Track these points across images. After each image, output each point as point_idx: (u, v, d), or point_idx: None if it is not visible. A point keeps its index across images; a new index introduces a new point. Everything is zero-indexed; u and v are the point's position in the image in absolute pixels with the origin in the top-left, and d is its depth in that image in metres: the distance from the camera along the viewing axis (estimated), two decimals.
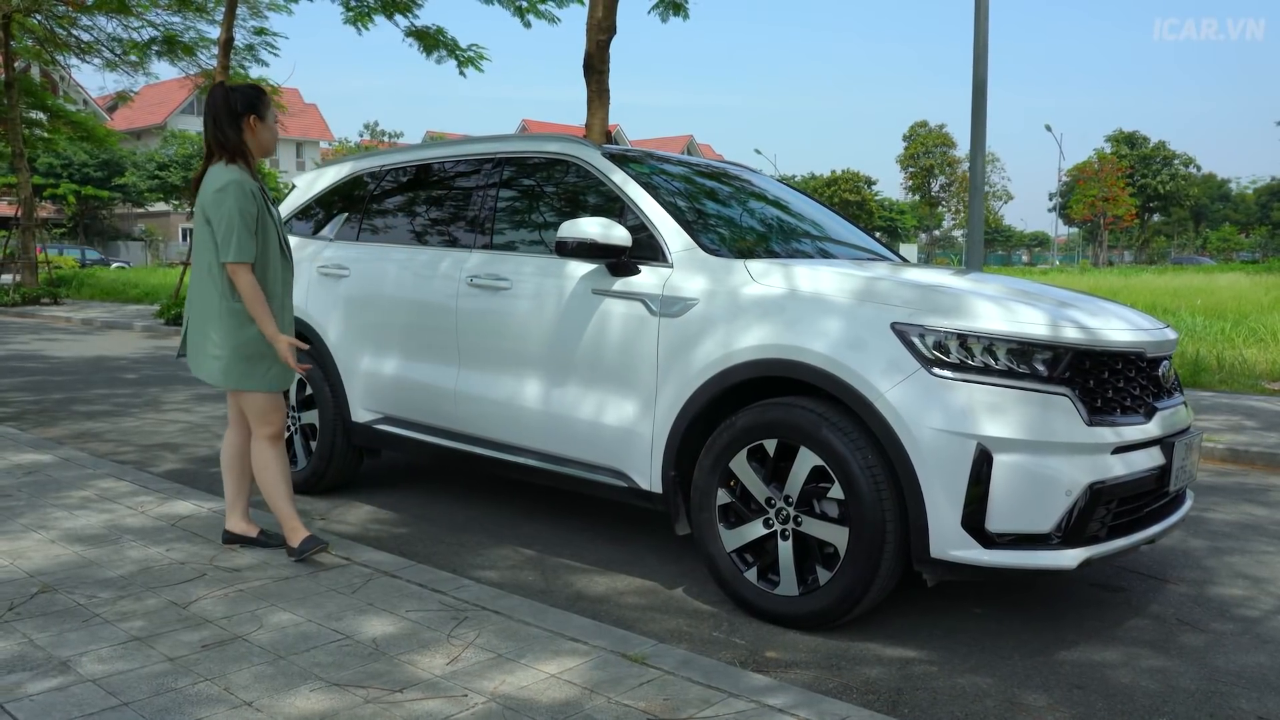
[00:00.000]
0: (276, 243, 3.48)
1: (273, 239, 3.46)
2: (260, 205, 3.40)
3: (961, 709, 2.66)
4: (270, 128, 3.49)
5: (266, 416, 3.51)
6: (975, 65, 8.24)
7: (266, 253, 3.43)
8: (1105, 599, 3.58)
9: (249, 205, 3.34)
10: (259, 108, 3.44)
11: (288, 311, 3.56)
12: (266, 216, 3.43)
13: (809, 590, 3.10)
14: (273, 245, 3.46)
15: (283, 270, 3.52)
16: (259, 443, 3.53)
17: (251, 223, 3.35)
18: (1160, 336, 3.34)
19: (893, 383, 2.94)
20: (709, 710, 2.38)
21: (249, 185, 3.37)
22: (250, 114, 3.42)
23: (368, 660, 2.64)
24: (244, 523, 3.68)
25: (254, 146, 3.46)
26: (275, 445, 3.54)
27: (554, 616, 3.00)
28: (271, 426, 3.53)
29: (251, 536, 3.66)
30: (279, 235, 3.50)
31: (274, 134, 3.52)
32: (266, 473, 3.52)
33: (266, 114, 3.47)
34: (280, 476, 3.54)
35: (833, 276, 3.27)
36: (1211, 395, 8.62)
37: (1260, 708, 2.70)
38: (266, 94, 3.50)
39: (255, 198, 3.38)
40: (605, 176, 3.87)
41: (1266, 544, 4.36)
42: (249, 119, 3.42)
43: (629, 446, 3.55)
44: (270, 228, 3.45)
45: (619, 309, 3.60)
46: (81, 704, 2.33)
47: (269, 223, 3.44)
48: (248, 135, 3.43)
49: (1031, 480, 2.85)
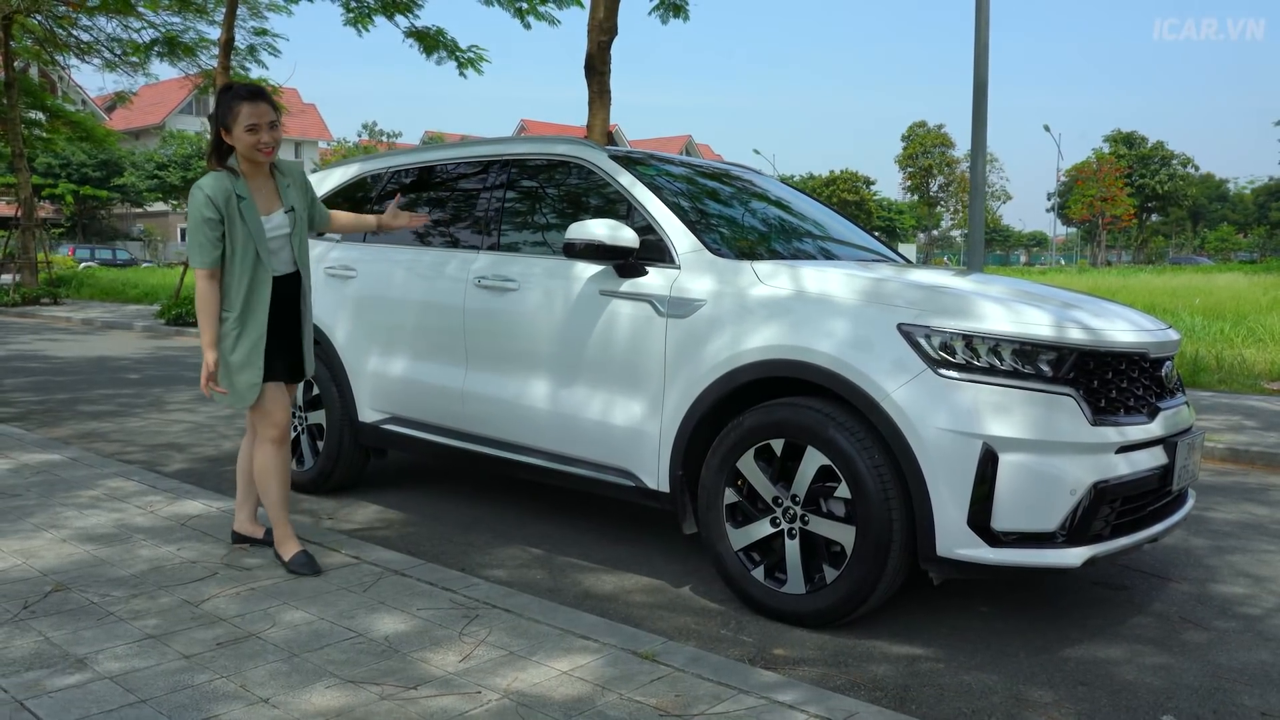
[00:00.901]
0: (250, 252, 3.33)
1: (240, 248, 3.32)
2: (227, 211, 3.28)
3: (968, 705, 2.69)
4: (239, 137, 3.29)
5: (268, 417, 3.47)
6: (976, 67, 8.27)
7: (234, 258, 3.33)
8: (1109, 597, 3.61)
9: (207, 211, 3.25)
10: (224, 118, 3.29)
11: (256, 314, 3.38)
12: (237, 221, 3.30)
13: (816, 589, 3.14)
14: (241, 251, 3.32)
15: (254, 277, 3.35)
16: (261, 444, 3.51)
17: (211, 229, 3.26)
18: (1163, 337, 3.37)
19: (899, 383, 2.97)
20: (720, 706, 2.41)
21: (214, 190, 3.26)
22: (221, 126, 3.31)
23: (381, 658, 2.67)
24: (250, 524, 3.70)
25: (238, 152, 3.34)
26: (278, 449, 3.50)
27: (564, 614, 3.03)
28: (275, 429, 3.48)
29: (258, 538, 3.67)
30: (258, 244, 3.34)
31: (247, 143, 3.29)
32: (264, 476, 3.50)
33: (233, 125, 3.28)
34: (278, 482, 3.50)
35: (839, 278, 3.30)
36: (1211, 395, 8.66)
37: (1263, 704, 2.73)
38: (237, 104, 3.28)
39: (215, 203, 3.25)
40: (612, 178, 3.91)
41: (1268, 543, 4.39)
42: (221, 130, 3.32)
43: (637, 446, 3.58)
44: (240, 235, 3.31)
45: (627, 310, 3.63)
46: (100, 701, 2.36)
47: (237, 230, 3.31)
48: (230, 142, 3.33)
49: (1036, 479, 2.88)
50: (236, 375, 3.39)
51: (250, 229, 3.34)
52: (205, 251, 3.29)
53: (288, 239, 3.47)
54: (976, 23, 8.29)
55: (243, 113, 3.27)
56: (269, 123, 3.30)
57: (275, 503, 3.50)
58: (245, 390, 3.41)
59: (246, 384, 3.40)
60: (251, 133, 3.28)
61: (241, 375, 3.39)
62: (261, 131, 3.29)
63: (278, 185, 3.48)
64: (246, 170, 3.37)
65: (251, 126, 3.28)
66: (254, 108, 3.28)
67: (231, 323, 3.37)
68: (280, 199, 3.47)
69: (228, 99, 3.31)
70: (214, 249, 3.30)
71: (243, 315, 3.37)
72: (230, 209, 3.31)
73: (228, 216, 3.30)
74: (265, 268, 3.39)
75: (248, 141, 3.30)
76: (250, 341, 3.38)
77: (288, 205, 3.48)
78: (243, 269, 3.35)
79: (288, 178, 3.52)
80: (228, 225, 3.31)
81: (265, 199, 3.43)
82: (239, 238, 3.32)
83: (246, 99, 3.29)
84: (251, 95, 3.31)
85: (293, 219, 3.49)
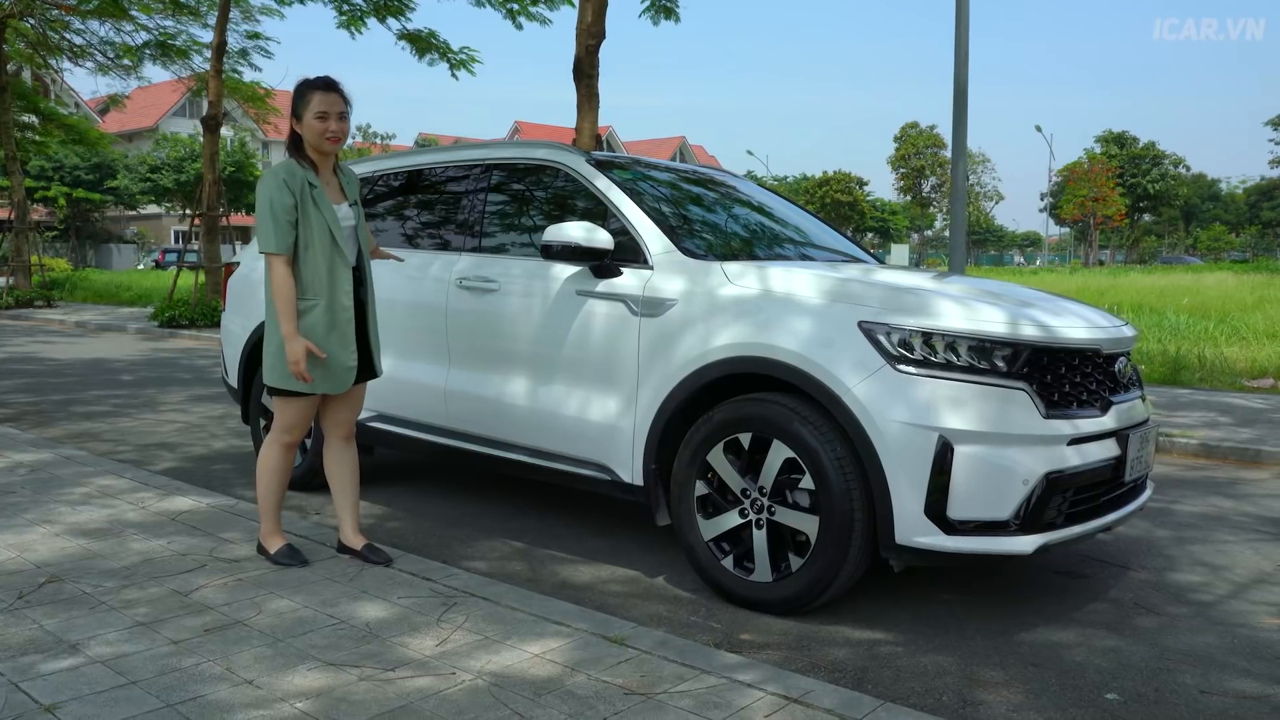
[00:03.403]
0: (327, 238, 3.38)
1: (317, 234, 3.36)
2: (300, 196, 3.33)
3: (922, 685, 2.82)
4: (309, 124, 3.37)
5: (288, 422, 3.50)
6: (956, 70, 8.41)
7: (310, 245, 3.35)
8: (1069, 585, 3.74)
9: (282, 195, 3.29)
10: (296, 106, 3.40)
11: (340, 299, 3.41)
12: (311, 210, 3.35)
13: (782, 576, 3.26)
14: (318, 238, 3.36)
15: (332, 263, 3.39)
16: (273, 444, 3.54)
17: (287, 212, 3.30)
18: (1117, 334, 3.50)
19: (860, 378, 3.10)
20: (683, 685, 2.53)
21: (288, 174, 3.33)
22: (293, 116, 3.41)
23: (361, 642, 2.79)
24: (353, 534, 3.65)
25: (306, 141, 3.41)
26: (287, 453, 3.55)
27: (539, 602, 3.15)
28: (290, 435, 3.52)
29: (355, 549, 3.61)
30: (332, 230, 3.38)
31: (315, 131, 3.36)
32: (267, 474, 3.55)
33: (304, 112, 3.37)
34: (278, 483, 3.56)
35: (805, 278, 3.43)
36: (1189, 393, 8.80)
37: (1203, 683, 2.87)
38: (310, 92, 3.37)
39: (289, 188, 3.31)
40: (589, 182, 4.03)
41: (1228, 534, 4.53)
42: (293, 120, 3.42)
43: (612, 441, 3.70)
44: (316, 222, 3.35)
45: (602, 309, 3.75)
46: (92, 683, 2.48)
47: (312, 216, 3.35)
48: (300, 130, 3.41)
49: (991, 470, 3.01)
50: (332, 360, 3.40)
51: (325, 214, 3.38)
52: (283, 234, 3.29)
53: (354, 231, 3.52)
54: (956, 27, 8.43)
55: (315, 100, 3.36)
56: (339, 113, 3.38)
57: (270, 503, 3.56)
58: (344, 374, 3.44)
59: (344, 367, 3.44)
60: (321, 120, 3.36)
61: (337, 359, 3.41)
62: (330, 120, 3.37)
63: (340, 181, 3.55)
64: (314, 162, 3.43)
65: (321, 114, 3.35)
66: (326, 96, 3.37)
67: (320, 309, 3.37)
68: (344, 193, 3.54)
69: (302, 88, 3.39)
70: (291, 232, 3.31)
71: (330, 301, 3.39)
72: (304, 194, 3.34)
73: (301, 202, 3.33)
74: (342, 254, 3.42)
75: (316, 129, 3.36)
76: (340, 325, 3.41)
77: (351, 199, 3.54)
78: (321, 255, 3.37)
79: (348, 176, 3.59)
80: (301, 212, 3.33)
81: (332, 192, 3.48)
82: (314, 224, 3.35)
83: (320, 88, 3.37)
84: (325, 85, 3.39)
85: (357, 212, 3.55)
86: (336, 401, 3.61)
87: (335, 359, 3.42)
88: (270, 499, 3.58)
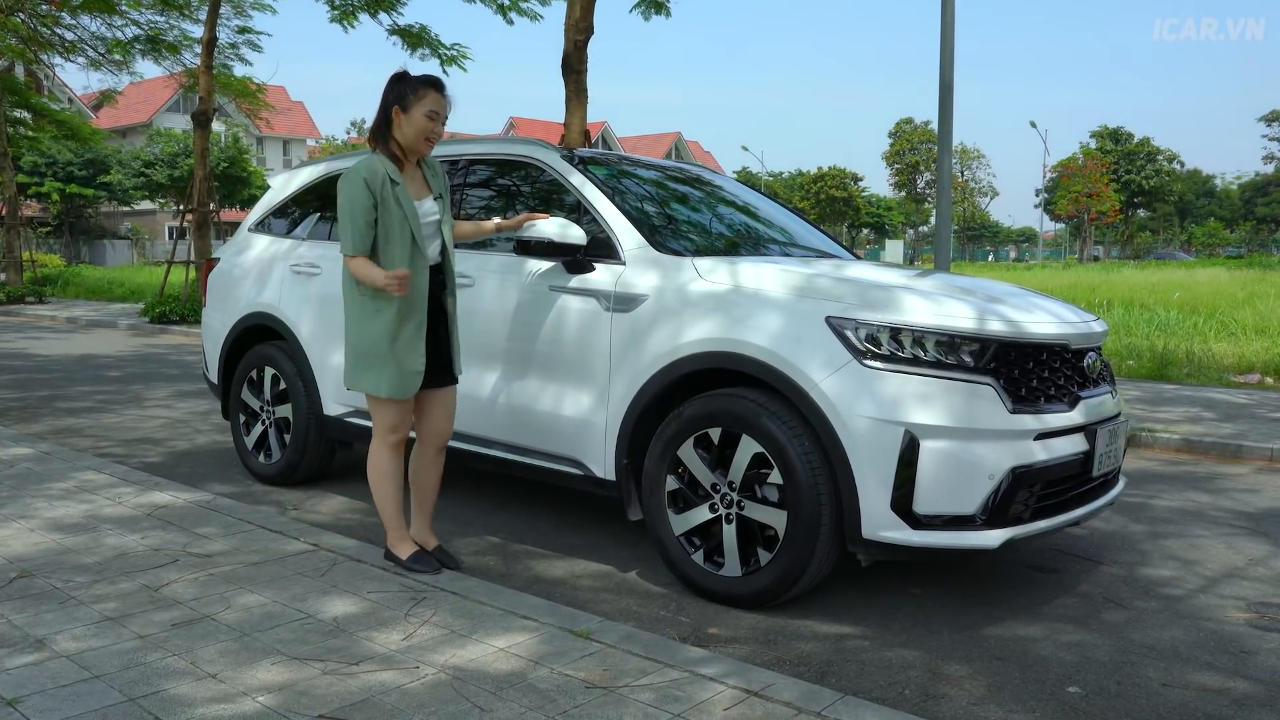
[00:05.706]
0: (407, 236, 3.28)
1: (397, 231, 3.27)
2: (381, 194, 3.24)
3: (886, 679, 2.83)
4: (415, 119, 3.28)
5: (388, 423, 3.42)
6: (942, 69, 8.42)
7: (389, 244, 3.27)
8: (1039, 580, 3.76)
9: (362, 197, 3.22)
10: (404, 98, 3.30)
11: (417, 302, 3.33)
12: (392, 207, 3.26)
13: (751, 571, 3.27)
14: (398, 236, 3.27)
15: (412, 263, 3.30)
16: (379, 448, 3.46)
17: (366, 214, 3.23)
18: (1086, 329, 3.52)
19: (827, 374, 3.11)
20: (645, 679, 2.55)
21: (369, 172, 3.24)
22: (396, 104, 3.30)
23: (328, 637, 2.80)
24: (425, 531, 3.64)
25: (400, 138, 3.32)
26: (395, 452, 3.47)
27: (508, 596, 3.16)
28: (395, 434, 3.44)
29: (428, 548, 3.57)
30: (414, 228, 3.29)
31: (420, 128, 3.29)
32: (380, 480, 3.48)
33: (413, 106, 3.28)
34: (392, 485, 3.48)
35: (774, 273, 3.44)
36: (1175, 388, 8.83)
37: (1166, 676, 2.89)
38: (425, 89, 3.30)
39: (370, 188, 3.23)
40: (564, 178, 4.04)
41: (1203, 529, 4.55)
42: (395, 109, 3.31)
43: (585, 437, 3.71)
44: (396, 219, 3.27)
45: (575, 305, 3.76)
46: (55, 677, 2.49)
47: (392, 214, 3.27)
48: (395, 125, 3.32)
49: (956, 465, 3.02)
50: (401, 363, 3.32)
51: (406, 212, 3.29)
52: (360, 237, 3.24)
53: (438, 226, 3.43)
54: (942, 25, 8.43)
55: (429, 98, 3.30)
56: (445, 117, 3.36)
57: (389, 507, 3.49)
58: (411, 378, 3.34)
59: (412, 371, 3.34)
60: (430, 119, 3.30)
61: (406, 362, 3.33)
62: (438, 122, 3.32)
63: (425, 174, 3.47)
64: (399, 158, 3.36)
65: (432, 114, 3.29)
66: (440, 98, 3.32)
67: (394, 311, 3.28)
68: (429, 187, 3.46)
69: (415, 81, 3.32)
70: (369, 233, 3.25)
71: (403, 302, 3.29)
72: (385, 192, 3.26)
73: (381, 200, 3.26)
74: (422, 254, 3.33)
75: (422, 127, 3.29)
76: (412, 328, 3.32)
77: (436, 192, 3.46)
78: (400, 254, 3.28)
79: (433, 169, 3.51)
80: (381, 210, 3.26)
81: (416, 187, 3.40)
82: (394, 222, 3.27)
83: (437, 88, 3.32)
84: (441, 86, 3.34)
85: (441, 206, 3.45)
86: (432, 411, 3.54)
87: (405, 362, 3.33)
88: (390, 505, 3.48)
